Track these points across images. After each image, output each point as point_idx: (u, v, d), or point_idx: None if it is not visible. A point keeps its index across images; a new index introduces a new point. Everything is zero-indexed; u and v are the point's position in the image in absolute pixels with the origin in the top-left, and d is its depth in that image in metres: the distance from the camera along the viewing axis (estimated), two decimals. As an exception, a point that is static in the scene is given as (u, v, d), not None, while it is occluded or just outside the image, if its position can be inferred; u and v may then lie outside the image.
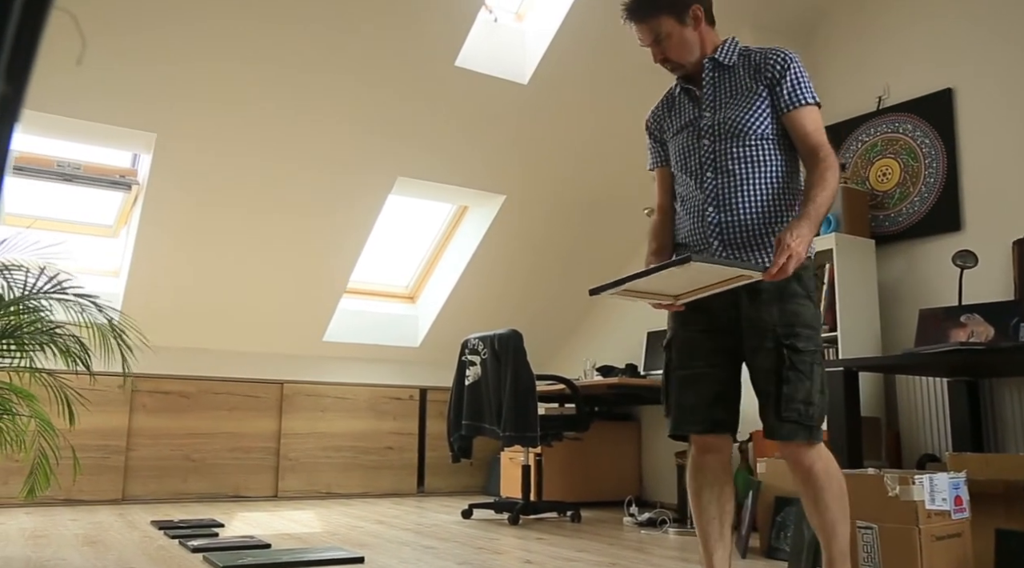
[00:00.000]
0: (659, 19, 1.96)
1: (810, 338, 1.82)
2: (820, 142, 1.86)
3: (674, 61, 2.00)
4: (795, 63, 1.92)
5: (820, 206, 1.78)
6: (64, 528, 3.47)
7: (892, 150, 3.95)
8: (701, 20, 1.97)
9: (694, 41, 1.98)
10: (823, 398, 1.83)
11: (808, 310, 1.84)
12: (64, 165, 4.42)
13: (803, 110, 1.88)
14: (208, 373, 4.94)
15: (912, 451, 3.54)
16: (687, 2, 1.95)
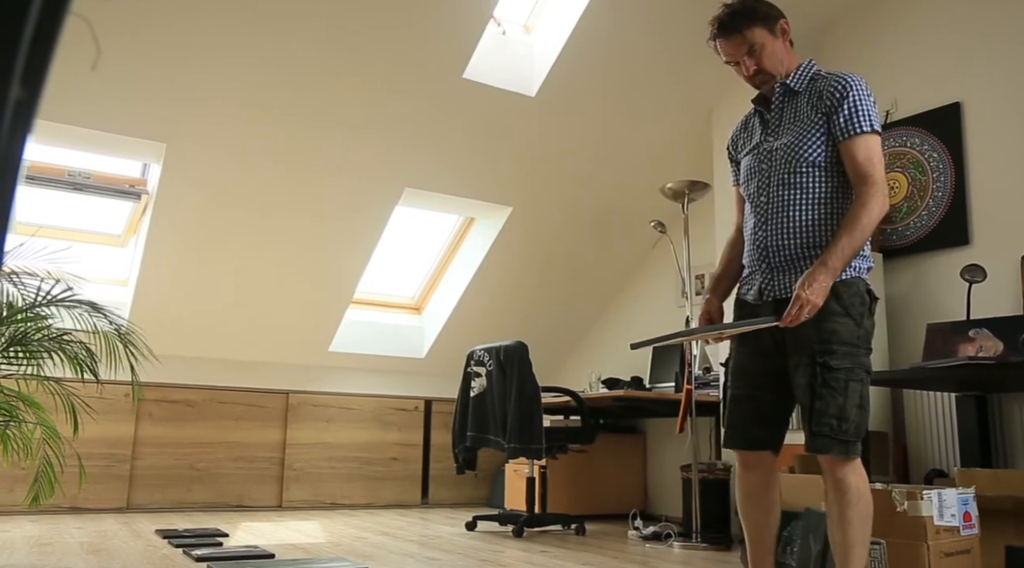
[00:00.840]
0: (753, 30, 2.02)
1: (847, 355, 1.87)
2: (866, 173, 1.89)
3: (767, 71, 2.04)
4: (855, 90, 1.95)
5: (843, 247, 1.84)
6: (69, 536, 3.47)
7: (900, 164, 3.94)
8: (788, 33, 2.06)
9: (783, 53, 2.05)
10: (861, 413, 1.87)
11: (846, 327, 1.88)
12: (75, 174, 4.45)
13: (856, 139, 1.92)
14: (214, 382, 4.95)
15: (920, 466, 3.52)
16: (776, 15, 2.04)
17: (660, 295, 5.32)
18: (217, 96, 3.87)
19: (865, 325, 1.92)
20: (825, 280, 1.83)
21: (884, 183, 1.90)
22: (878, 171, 1.90)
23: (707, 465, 3.98)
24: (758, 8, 2.02)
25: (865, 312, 1.93)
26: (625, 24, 4.09)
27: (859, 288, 1.92)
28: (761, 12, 2.02)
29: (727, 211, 4.37)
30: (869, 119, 1.92)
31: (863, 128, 1.91)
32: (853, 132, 1.91)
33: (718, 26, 2.05)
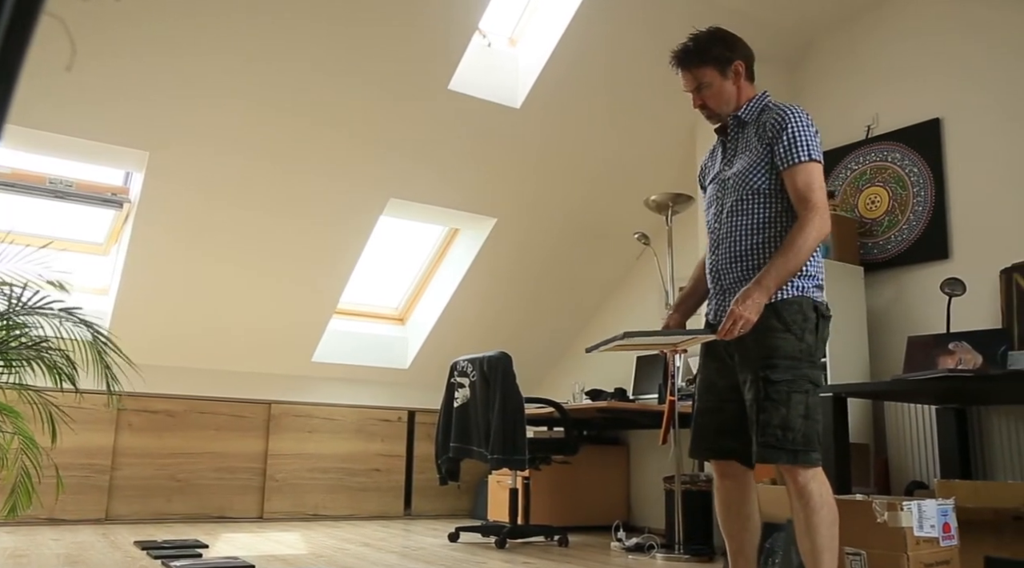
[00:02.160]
0: (703, 69, 2.14)
1: (788, 368, 1.96)
2: (806, 198, 1.99)
3: (710, 108, 2.17)
4: (793, 122, 2.05)
5: (778, 267, 1.95)
6: (46, 548, 3.42)
7: (881, 178, 3.99)
8: (741, 76, 2.16)
9: (731, 94, 2.16)
10: (807, 423, 1.93)
11: (787, 342, 1.98)
12: (56, 182, 4.42)
13: (796, 168, 2.02)
14: (195, 392, 4.91)
15: (901, 478, 3.54)
16: (731, 57, 2.14)
17: (644, 307, 5.33)
18: (201, 105, 3.85)
19: (808, 340, 1.99)
20: (758, 297, 1.94)
21: (823, 207, 1.99)
22: (817, 196, 1.99)
23: (690, 477, 3.98)
24: (711, 50, 2.14)
25: (808, 328, 2.00)
26: (610, 38, 4.12)
27: (802, 306, 2.01)
28: (713, 54, 2.14)
29: (710, 223, 4.40)
30: (807, 149, 2.02)
31: (801, 157, 2.01)
32: (793, 161, 2.02)
33: (674, 58, 2.19)
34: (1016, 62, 3.57)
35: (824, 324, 2.04)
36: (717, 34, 2.18)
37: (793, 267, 1.95)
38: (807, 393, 1.96)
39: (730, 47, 2.16)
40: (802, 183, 2.00)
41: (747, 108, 2.16)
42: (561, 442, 4.17)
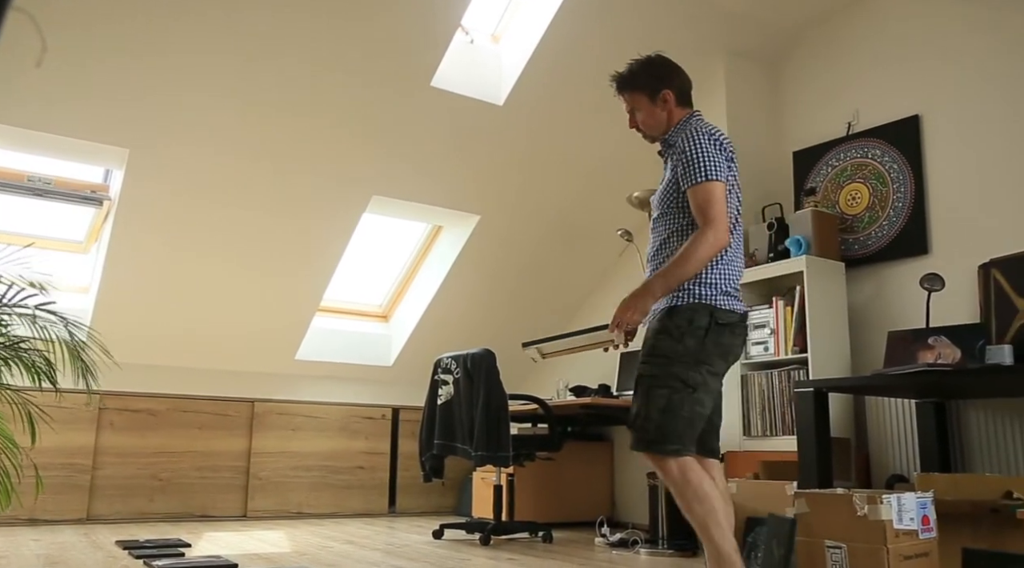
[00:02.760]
0: (634, 95, 2.39)
1: (659, 366, 2.19)
2: (702, 214, 2.19)
3: (641, 129, 2.43)
4: (690, 145, 2.25)
5: (668, 273, 2.18)
6: (26, 548, 3.39)
7: (861, 175, 4.02)
8: (670, 103, 2.36)
9: (662, 118, 2.37)
10: (664, 417, 2.14)
11: (664, 343, 2.20)
12: (35, 180, 4.37)
13: (694, 188, 2.22)
14: (178, 391, 4.88)
15: (881, 471, 3.57)
16: (660, 86, 2.35)
17: (627, 303, 5.34)
18: (182, 102, 3.83)
19: (687, 343, 2.18)
20: (642, 299, 2.20)
21: (717, 221, 2.17)
22: (712, 212, 2.17)
23: (673, 472, 4.00)
24: (638, 79, 2.38)
25: (691, 332, 2.18)
26: (593, 34, 4.13)
27: (694, 312, 2.20)
28: (640, 82, 2.38)
29: (693, 220, 4.42)
30: (704, 170, 2.20)
31: (698, 178, 2.20)
32: (691, 182, 2.22)
33: (612, 82, 2.45)
34: (995, 59, 3.61)
35: (720, 330, 2.20)
36: (651, 63, 2.39)
37: (682, 275, 2.17)
38: (671, 389, 2.15)
39: (660, 76, 2.37)
40: (700, 201, 2.20)
41: (674, 130, 2.36)
42: (545, 439, 4.17)
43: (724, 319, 2.21)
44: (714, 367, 2.22)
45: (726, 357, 2.25)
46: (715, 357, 2.21)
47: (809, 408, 2.95)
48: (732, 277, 2.25)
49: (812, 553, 2.15)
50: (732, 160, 2.30)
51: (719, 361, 2.23)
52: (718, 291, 2.21)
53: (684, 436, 2.14)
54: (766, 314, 3.89)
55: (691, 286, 2.21)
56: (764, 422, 3.80)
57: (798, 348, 3.72)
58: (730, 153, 2.29)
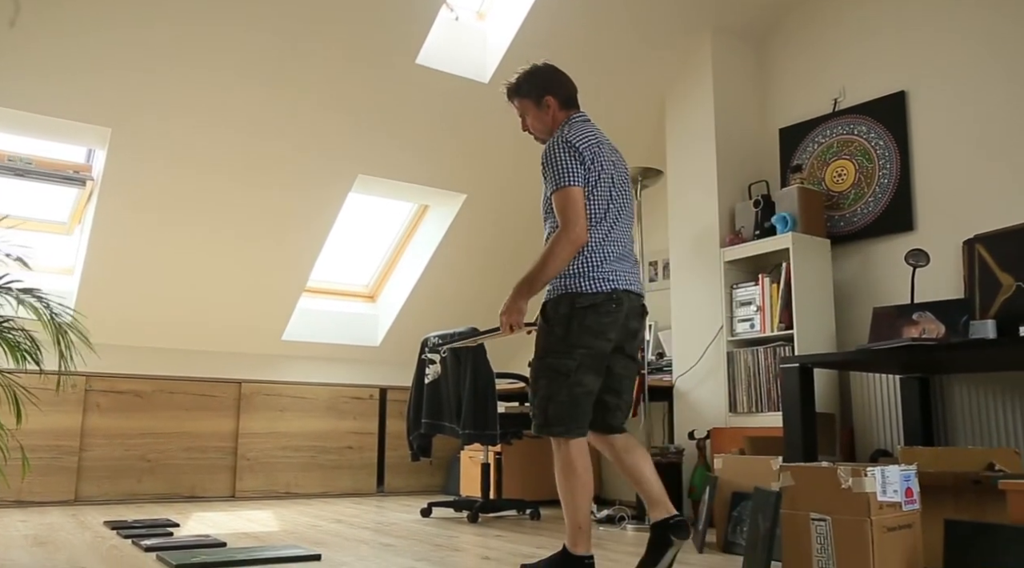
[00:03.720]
0: (522, 101, 2.64)
1: (541, 358, 2.40)
2: (560, 217, 2.39)
3: (531, 131, 2.67)
4: (548, 155, 2.45)
5: (531, 276, 2.38)
6: (13, 529, 3.39)
7: (847, 151, 4.02)
8: (553, 107, 2.60)
9: (547, 121, 2.61)
10: (549, 404, 2.35)
11: (545, 335, 2.41)
12: (15, 160, 4.32)
13: (553, 195, 2.42)
14: (164, 372, 4.86)
15: (865, 446, 3.61)
16: (543, 93, 2.60)
17: (615, 282, 5.35)
18: (164, 80, 3.78)
19: (556, 332, 2.37)
20: (514, 302, 2.42)
21: (573, 224, 2.36)
22: (567, 215, 2.37)
23: (659, 449, 4.03)
24: (523, 87, 2.63)
25: (556, 321, 2.38)
26: (579, 12, 4.10)
27: (559, 303, 2.39)
28: (525, 90, 2.62)
29: (680, 197, 4.42)
30: (556, 178, 2.41)
31: (552, 187, 2.42)
32: (551, 188, 2.44)
33: (505, 90, 2.70)
34: (982, 34, 3.61)
35: (583, 312, 2.36)
36: (535, 72, 2.63)
37: (545, 275, 2.38)
38: (549, 379, 2.35)
39: (544, 84, 2.60)
40: (558, 205, 2.40)
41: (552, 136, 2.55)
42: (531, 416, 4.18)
43: (584, 302, 2.37)
44: (591, 348, 2.35)
45: (603, 334, 2.37)
46: (587, 338, 2.35)
47: (794, 384, 2.97)
48: (596, 263, 2.40)
49: (797, 525, 2.17)
50: (596, 160, 2.44)
51: (594, 340, 2.36)
52: (578, 278, 2.40)
53: (565, 419, 2.34)
54: (752, 291, 3.90)
55: (555, 281, 2.43)
56: (750, 398, 3.83)
57: (784, 325, 3.74)
58: (589, 155, 2.43)
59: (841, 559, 2.08)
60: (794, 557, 2.16)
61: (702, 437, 3.98)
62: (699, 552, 3.01)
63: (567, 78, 2.65)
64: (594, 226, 2.42)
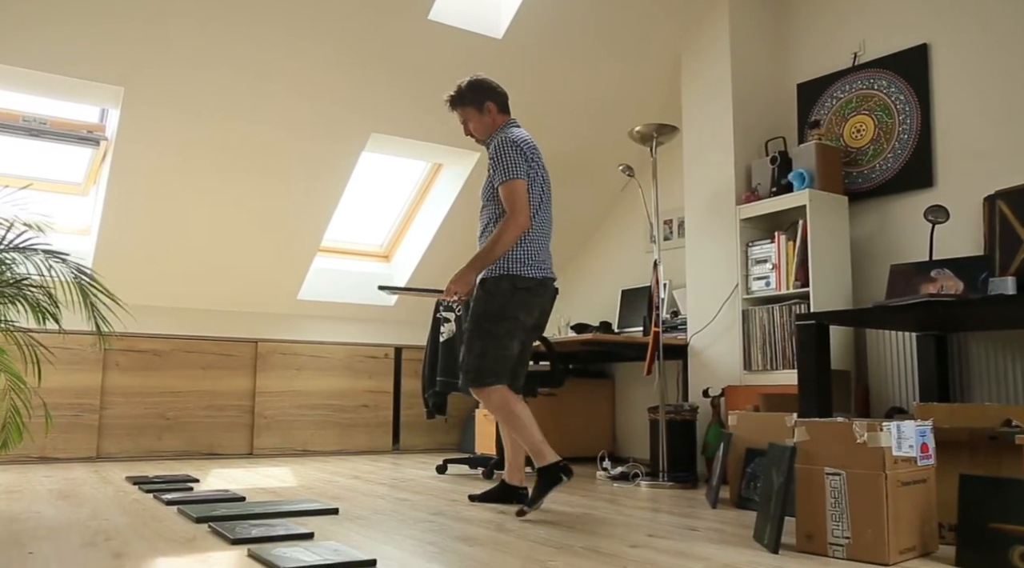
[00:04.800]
0: (465, 109, 3.06)
1: (473, 322, 2.87)
2: (507, 207, 2.85)
3: (474, 135, 3.09)
4: (496, 152, 2.90)
5: (482, 255, 2.84)
6: (38, 484, 3.45)
7: (867, 107, 3.96)
8: (493, 112, 3.04)
9: (488, 124, 3.05)
10: (485, 360, 2.82)
11: (481, 304, 2.87)
12: (30, 120, 4.32)
13: (500, 186, 2.88)
14: (181, 332, 4.91)
15: (880, 404, 3.61)
16: (483, 99, 3.03)
17: (629, 240, 5.34)
18: (176, 39, 3.75)
19: (494, 303, 2.84)
20: (465, 275, 2.86)
21: (520, 212, 2.82)
22: (516, 206, 2.83)
23: (674, 407, 4.04)
24: (465, 97, 3.04)
25: (496, 295, 2.84)
26: (594, -37, 4.01)
27: (496, 282, 2.86)
28: (468, 98, 3.04)
29: (695, 155, 4.38)
30: (505, 171, 2.87)
31: (505, 177, 2.86)
32: (500, 180, 2.88)
33: (446, 101, 3.09)
34: (1005, -14, 3.52)
35: (519, 292, 2.85)
36: (475, 83, 3.04)
37: (494, 255, 2.82)
38: (484, 340, 2.82)
39: (483, 93, 3.03)
40: (506, 195, 2.86)
41: (492, 138, 3.01)
42: (547, 375, 4.20)
43: (523, 284, 2.87)
44: (520, 320, 2.87)
45: (531, 312, 2.90)
46: (520, 312, 2.87)
47: (810, 340, 2.96)
48: (533, 252, 2.90)
49: (811, 480, 2.18)
50: (534, 160, 2.92)
51: (525, 315, 2.88)
52: (519, 264, 2.87)
53: (496, 372, 2.82)
54: (768, 249, 3.87)
55: (500, 262, 2.87)
56: (764, 356, 3.82)
57: (799, 283, 3.72)
58: (530, 155, 2.91)
59: (855, 513, 2.09)
60: (808, 511, 2.18)
61: (716, 395, 3.99)
62: (712, 507, 3.03)
63: (500, 87, 3.08)
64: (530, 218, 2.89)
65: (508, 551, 2.14)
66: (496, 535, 2.38)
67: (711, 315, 4.16)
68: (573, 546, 2.22)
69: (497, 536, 2.37)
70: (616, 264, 5.40)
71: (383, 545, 2.20)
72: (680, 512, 2.90)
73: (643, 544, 2.26)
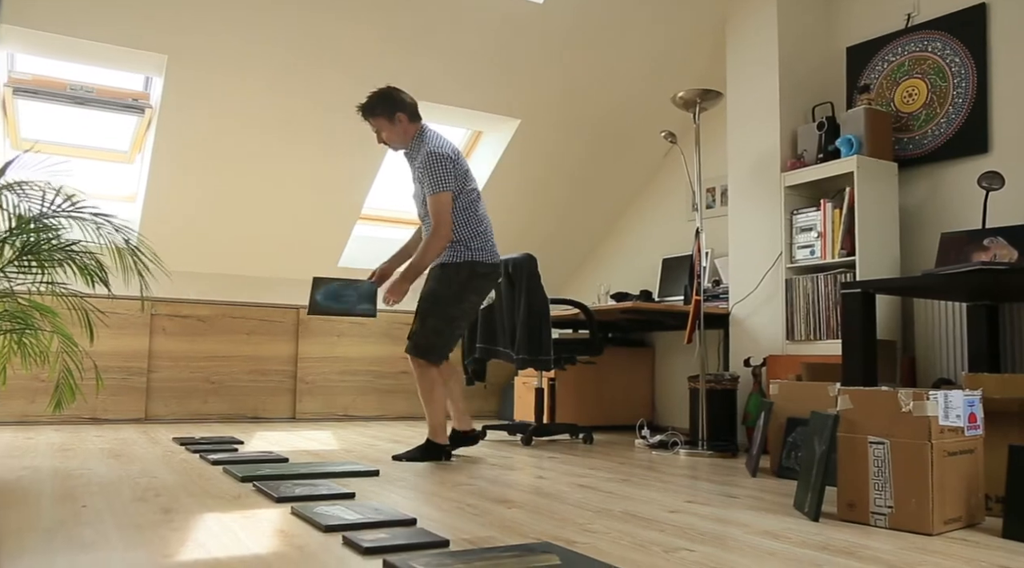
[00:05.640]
0: (376, 120, 3.22)
1: (431, 302, 3.17)
2: (434, 219, 3.11)
3: (387, 143, 3.25)
4: (427, 164, 3.11)
5: (414, 267, 3.12)
6: (90, 443, 3.56)
7: (920, 70, 3.84)
8: (403, 122, 3.22)
9: (400, 133, 3.23)
10: (437, 338, 3.15)
11: (438, 288, 3.17)
12: (76, 88, 4.39)
13: (430, 198, 3.13)
14: (225, 298, 4.99)
15: (927, 375, 3.54)
16: (393, 111, 3.20)
17: (670, 208, 5.28)
18: (219, 5, 3.77)
19: (453, 287, 3.15)
20: (399, 284, 3.12)
21: (446, 225, 3.10)
22: (442, 219, 3.09)
23: (715, 376, 4.01)
24: (376, 108, 3.20)
25: (456, 280, 3.15)
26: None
27: (455, 268, 3.16)
28: (378, 111, 3.20)
29: (739, 121, 4.29)
30: (435, 184, 3.10)
31: (433, 190, 3.11)
32: (429, 192, 3.12)
33: (359, 111, 3.24)
34: (1070, -59, 3.37)
35: (477, 276, 3.18)
36: (384, 94, 3.20)
37: (422, 265, 3.11)
38: (440, 321, 3.14)
39: (393, 104, 3.19)
40: (432, 209, 3.11)
41: (413, 144, 3.23)
42: (586, 343, 4.19)
43: (482, 270, 3.19)
44: (473, 304, 3.21)
45: (481, 294, 3.22)
46: (474, 296, 3.19)
47: (856, 309, 2.90)
48: (488, 241, 3.22)
49: (854, 449, 2.15)
50: (461, 163, 3.19)
51: (475, 297, 3.21)
52: (480, 252, 3.19)
53: (442, 350, 3.16)
54: (813, 217, 3.80)
55: (461, 250, 3.15)
56: (808, 326, 3.77)
57: (845, 251, 3.65)
58: (461, 163, 3.17)
59: (898, 482, 2.05)
60: (850, 480, 2.15)
61: (758, 364, 3.95)
62: (752, 476, 3.01)
63: (409, 96, 3.24)
64: (474, 213, 3.18)
65: (546, 514, 2.15)
66: (534, 498, 2.40)
67: (753, 284, 4.10)
68: (612, 510, 2.22)
69: (535, 500, 2.38)
70: (657, 233, 5.35)
71: (423, 506, 2.23)
72: (719, 480, 2.89)
73: (682, 509, 2.25)
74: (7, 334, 2.89)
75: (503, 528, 1.95)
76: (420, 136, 3.20)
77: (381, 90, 3.22)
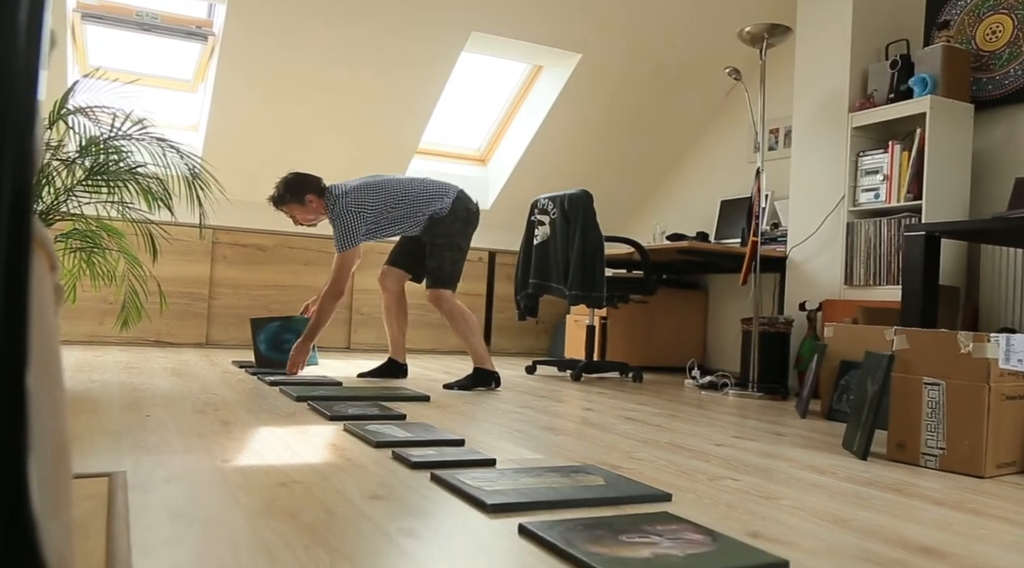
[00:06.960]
0: (288, 206, 3.40)
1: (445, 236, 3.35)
2: (331, 275, 3.28)
3: (302, 223, 3.45)
4: (334, 224, 3.30)
5: (313, 328, 3.32)
6: (154, 362, 3.70)
7: (1006, 4, 3.64)
8: (314, 201, 3.39)
9: (313, 211, 3.40)
10: (454, 269, 3.36)
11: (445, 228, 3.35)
12: (143, 14, 4.44)
13: (336, 255, 3.30)
14: (284, 228, 5.08)
15: (991, 323, 3.44)
16: (302, 193, 3.37)
17: (731, 149, 5.16)
18: (279, -71, 3.75)
19: (456, 226, 3.37)
20: (302, 345, 3.31)
21: (341, 282, 3.27)
22: (337, 275, 3.26)
23: (768, 319, 3.97)
24: (285, 197, 3.38)
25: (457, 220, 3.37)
26: None
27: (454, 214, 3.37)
28: (288, 199, 3.37)
29: (808, 59, 4.15)
30: (337, 240, 3.29)
31: (338, 248, 3.29)
32: (336, 250, 3.30)
33: (270, 202, 3.42)
34: None
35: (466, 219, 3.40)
36: (289, 182, 3.36)
37: (319, 327, 3.30)
38: (454, 252, 3.35)
39: (300, 188, 3.35)
40: (334, 264, 3.29)
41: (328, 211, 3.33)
42: (640, 282, 4.17)
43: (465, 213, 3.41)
44: (469, 236, 3.42)
45: (470, 232, 3.43)
46: (469, 229, 3.42)
47: (918, 252, 2.82)
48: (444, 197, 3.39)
49: (908, 389, 2.12)
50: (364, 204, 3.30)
51: (470, 231, 3.43)
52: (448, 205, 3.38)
53: (457, 279, 3.36)
54: (879, 159, 3.68)
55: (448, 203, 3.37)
56: (868, 271, 3.68)
57: (912, 195, 3.54)
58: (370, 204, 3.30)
59: (952, 424, 2.02)
60: (902, 420, 2.12)
61: (813, 308, 3.89)
62: (801, 417, 2.99)
63: (313, 176, 3.38)
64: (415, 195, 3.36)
65: (593, 441, 2.18)
66: (581, 428, 2.42)
67: (813, 227, 4.02)
68: (658, 441, 2.24)
69: (582, 429, 2.41)
70: (716, 174, 5.25)
71: (471, 429, 2.28)
72: (768, 419, 2.88)
73: (728, 444, 2.26)
74: (77, 252, 2.99)
75: (549, 451, 1.99)
76: (332, 202, 3.32)
77: (286, 179, 3.37)
